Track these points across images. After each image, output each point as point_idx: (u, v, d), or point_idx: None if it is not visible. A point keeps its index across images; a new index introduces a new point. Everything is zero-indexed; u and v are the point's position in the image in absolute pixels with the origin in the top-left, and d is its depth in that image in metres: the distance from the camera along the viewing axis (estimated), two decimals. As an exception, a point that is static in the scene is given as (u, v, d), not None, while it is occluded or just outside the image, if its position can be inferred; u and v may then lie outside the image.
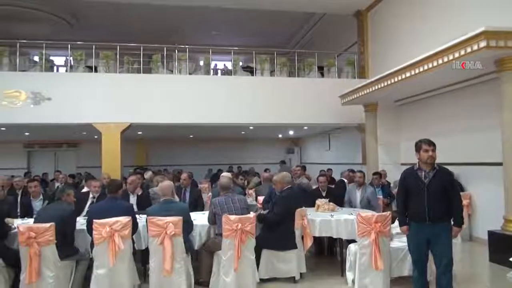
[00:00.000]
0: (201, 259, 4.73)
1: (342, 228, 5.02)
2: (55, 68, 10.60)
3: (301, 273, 4.87)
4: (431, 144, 3.68)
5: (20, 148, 15.29)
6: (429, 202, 3.59)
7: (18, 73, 9.06)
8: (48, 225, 3.93)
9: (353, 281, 4.48)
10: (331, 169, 10.04)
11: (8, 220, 4.58)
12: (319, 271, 5.29)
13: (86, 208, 5.72)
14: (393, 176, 7.99)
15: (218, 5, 10.36)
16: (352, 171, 7.44)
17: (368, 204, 6.02)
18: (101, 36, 10.62)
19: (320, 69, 10.46)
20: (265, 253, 4.72)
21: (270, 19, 11.84)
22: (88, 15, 11.34)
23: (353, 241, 4.76)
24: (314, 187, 6.89)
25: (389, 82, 7.08)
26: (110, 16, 11.16)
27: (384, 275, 4.27)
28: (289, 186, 5.12)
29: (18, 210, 5.88)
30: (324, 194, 6.33)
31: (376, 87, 7.50)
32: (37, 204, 5.93)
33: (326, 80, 10.16)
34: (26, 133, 12.83)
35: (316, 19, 12.50)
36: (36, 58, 10.10)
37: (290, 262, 4.74)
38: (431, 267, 4.08)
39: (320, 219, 5.09)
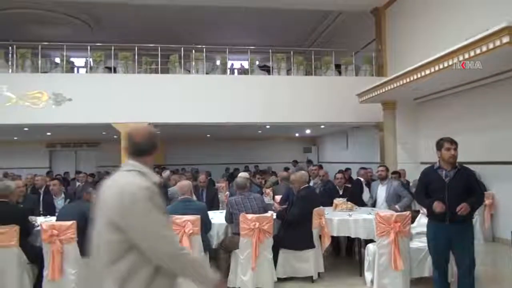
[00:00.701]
0: (219, 257, 4.75)
1: (361, 227, 4.97)
2: (75, 69, 10.80)
3: (319, 273, 4.85)
4: (453, 142, 3.60)
5: (42, 148, 15.64)
6: (449, 202, 3.48)
7: (40, 74, 9.26)
8: (69, 223, 4.02)
9: (371, 282, 4.43)
10: (349, 169, 9.96)
11: (31, 218, 4.69)
12: (337, 271, 5.25)
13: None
14: (412, 176, 7.86)
15: (234, 5, 10.38)
16: (364, 168, 7.36)
17: (396, 198, 5.84)
18: (120, 37, 10.77)
19: (337, 67, 10.37)
20: (282, 252, 4.71)
21: (287, 18, 11.81)
22: (107, 17, 11.51)
23: (372, 241, 4.71)
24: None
25: (408, 80, 6.97)
26: (128, 17, 11.31)
27: (404, 276, 4.21)
28: (307, 185, 5.10)
29: (41, 208, 6.03)
30: (341, 191, 6.29)
31: (395, 85, 7.40)
32: (59, 202, 6.05)
33: (343, 79, 10.07)
34: (48, 133, 13.12)
35: (333, 17, 12.40)
36: (57, 60, 10.30)
37: (308, 261, 4.72)
38: (452, 268, 4.00)
39: (338, 219, 5.05)
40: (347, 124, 10.79)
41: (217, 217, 5.13)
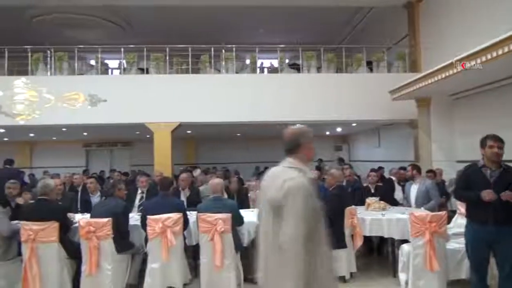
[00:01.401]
0: (250, 256, 4.77)
1: (394, 227, 4.86)
2: (109, 71, 11.13)
3: (351, 273, 4.79)
4: (498, 140, 3.40)
5: (79, 147, 16.19)
6: (494, 203, 3.29)
7: (77, 76, 9.60)
8: (105, 220, 4.15)
9: (406, 283, 4.33)
10: (382, 167, 9.76)
11: (70, 215, 4.86)
12: (369, 271, 5.17)
13: (137, 203, 5.97)
14: (448, 174, 7.62)
15: (264, 4, 10.37)
16: (403, 168, 7.19)
17: (428, 198, 5.70)
18: (152, 38, 10.98)
19: (369, 64, 10.18)
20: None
21: (317, 15, 11.68)
22: (139, 19, 11.76)
23: (406, 241, 4.60)
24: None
25: (444, 75, 6.74)
26: (159, 19, 11.51)
27: (440, 277, 4.09)
28: (340, 183, 5.05)
29: (78, 205, 6.25)
30: (373, 190, 6.17)
31: (430, 81, 7.17)
32: (96, 200, 6.25)
33: (375, 75, 9.88)
34: (85, 133, 13.57)
35: (364, 12, 12.17)
36: (93, 62, 10.66)
37: (340, 261, 4.66)
38: (492, 271, 3.85)
39: (370, 218, 4.97)
40: (379, 121, 10.58)
41: (248, 215, 5.14)
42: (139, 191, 6.17)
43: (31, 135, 13.36)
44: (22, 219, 4.18)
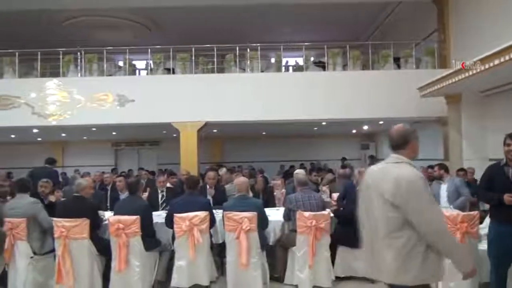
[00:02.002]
0: (276, 254, 4.77)
1: (423, 227, 4.75)
2: (137, 71, 11.35)
3: (379, 273, 4.70)
4: None
5: (108, 146, 16.60)
6: None
7: (106, 77, 9.85)
8: (134, 217, 4.23)
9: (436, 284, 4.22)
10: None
11: (100, 212, 4.99)
12: (398, 271, 5.07)
13: (160, 201, 6.05)
14: (480, 173, 7.38)
15: (289, 2, 10.33)
16: (431, 167, 7.00)
17: (457, 195, 5.55)
18: (178, 39, 11.13)
19: (397, 60, 9.97)
20: (341, 250, 4.63)
21: (342, 11, 11.53)
22: (165, 20, 11.94)
23: (436, 241, 4.49)
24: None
25: (475, 71, 6.52)
26: (185, 19, 11.65)
27: (472, 279, 3.96)
28: None
29: (108, 203, 6.42)
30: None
31: (461, 77, 6.96)
32: (124, 198, 6.39)
33: (403, 72, 9.66)
34: (114, 133, 13.91)
35: (391, 8, 11.93)
36: (121, 63, 10.90)
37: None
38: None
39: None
40: (407, 119, 10.32)
41: (274, 214, 5.15)
42: (159, 190, 6.24)
43: (63, 135, 13.80)
44: (56, 216, 4.32)
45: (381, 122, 11.55)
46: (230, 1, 10.28)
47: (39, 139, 14.72)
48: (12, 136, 13.07)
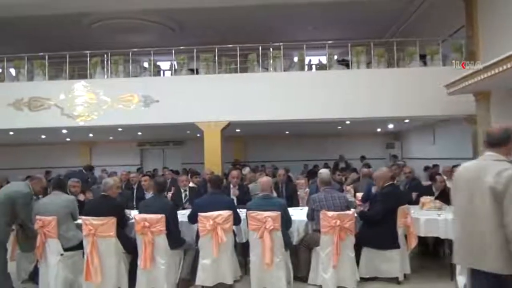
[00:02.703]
0: (300, 254, 4.75)
1: (451, 228, 4.63)
2: (161, 72, 11.52)
3: (405, 274, 4.63)
4: None
5: (134, 146, 16.92)
6: None
7: (131, 78, 10.04)
8: (159, 216, 4.30)
9: (465, 286, 4.11)
10: (437, 165, 9.34)
11: (126, 211, 5.09)
12: (425, 273, 4.97)
13: (183, 201, 6.12)
14: (512, 172, 7.13)
15: (312, 0, 10.26)
16: (457, 166, 6.81)
17: None
18: (201, 39, 11.23)
19: (422, 57, 9.76)
20: (365, 251, 4.58)
21: (366, 8, 11.36)
22: (189, 21, 12.04)
23: (464, 242, 4.37)
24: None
25: (506, 67, 6.31)
26: (208, 20, 11.72)
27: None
28: (390, 183, 4.89)
29: (134, 202, 6.55)
30: (437, 193, 5.88)
31: (491, 73, 6.74)
32: (150, 196, 6.50)
33: (429, 69, 9.45)
34: (139, 133, 14.16)
35: (416, 4, 11.67)
36: (146, 64, 11.09)
37: (393, 261, 4.53)
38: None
39: (425, 218, 4.77)
40: (433, 117, 10.13)
41: (297, 214, 5.13)
42: (182, 189, 6.31)
43: (90, 135, 14.15)
44: (84, 215, 4.44)
45: (406, 121, 11.34)
46: (253, 1, 10.29)
47: (68, 139, 15.15)
48: (43, 136, 13.50)
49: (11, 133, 11.31)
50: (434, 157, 11.63)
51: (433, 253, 5.80)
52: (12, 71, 10.58)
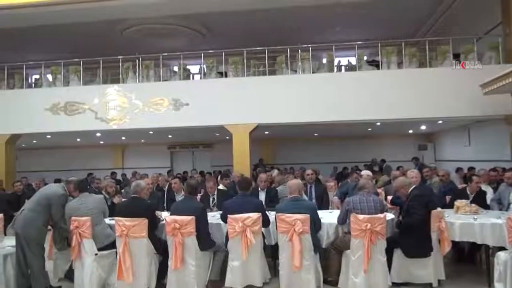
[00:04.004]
0: (330, 257, 4.69)
1: (488, 233, 4.46)
2: (191, 76, 11.70)
3: (439, 280, 4.49)
4: None
5: (164, 149, 17.23)
6: None
7: (162, 83, 10.25)
8: (189, 218, 4.35)
9: (503, 293, 3.95)
10: (473, 168, 9.02)
11: (157, 212, 5.19)
12: (460, 279, 4.80)
13: (211, 204, 6.15)
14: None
15: (340, 1, 10.15)
16: (494, 170, 6.56)
17: None
18: (230, 43, 11.32)
19: (456, 56, 9.45)
20: (397, 255, 4.47)
21: (396, 7, 11.12)
22: (217, 25, 12.16)
23: (502, 248, 4.20)
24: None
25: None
26: (237, 23, 11.79)
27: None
28: (414, 186, 4.76)
29: (164, 204, 6.66)
30: (471, 197, 5.69)
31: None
32: (180, 198, 6.59)
33: (463, 69, 9.15)
34: (169, 136, 14.41)
35: (450, 1, 11.33)
36: (176, 68, 11.29)
37: (426, 267, 4.40)
38: None
39: (460, 222, 4.62)
40: (468, 117, 9.79)
41: (327, 216, 5.08)
42: (211, 196, 6.27)
43: (123, 138, 14.53)
44: (117, 216, 4.56)
45: (440, 122, 11.02)
46: (280, 3, 10.28)
47: (101, 142, 15.61)
48: (78, 139, 13.98)
49: (48, 136, 11.76)
50: (469, 159, 11.24)
51: (469, 259, 5.59)
52: (49, 77, 11.03)
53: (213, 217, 5.18)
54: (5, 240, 5.00)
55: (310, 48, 9.83)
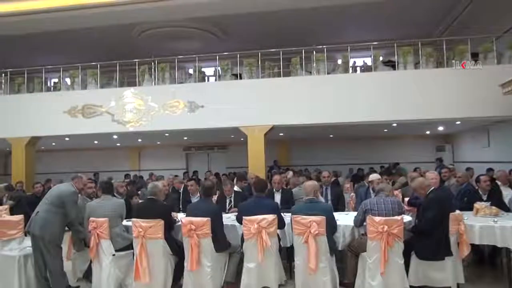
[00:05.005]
0: (346, 260, 4.65)
1: (509, 236, 4.36)
2: (206, 78, 11.77)
3: (458, 284, 4.40)
4: None
5: (180, 151, 17.34)
6: None
7: (177, 85, 10.34)
8: (205, 219, 4.37)
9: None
10: (492, 169, 8.83)
11: (173, 214, 5.22)
12: (480, 283, 4.72)
13: (227, 206, 6.17)
14: None
15: (354, 1, 10.09)
16: (512, 171, 6.42)
17: None
18: (244, 45, 11.35)
19: (475, 56, 9.28)
20: (415, 258, 4.40)
21: (412, 7, 10.99)
22: (232, 27, 12.22)
23: (524, 251, 4.11)
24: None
25: None
26: (251, 25, 11.83)
27: None
28: (433, 187, 4.68)
29: (181, 205, 6.71)
30: (485, 197, 5.59)
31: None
32: (195, 200, 6.63)
33: (482, 68, 8.97)
34: (185, 138, 14.52)
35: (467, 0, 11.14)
36: (191, 71, 11.38)
37: (445, 270, 4.31)
38: None
39: (480, 225, 4.52)
40: (488, 118, 9.60)
41: (343, 218, 5.04)
42: (227, 200, 6.28)
43: (139, 140, 14.70)
44: (134, 217, 4.61)
45: (458, 123, 10.83)
46: (294, 5, 10.26)
47: (118, 144, 15.81)
48: (95, 142, 14.18)
49: (67, 138, 11.98)
50: (489, 160, 11.01)
51: (489, 262, 5.48)
52: (68, 80, 11.23)
53: (228, 218, 5.19)
54: (25, 240, 5.10)
55: (325, 49, 9.79)
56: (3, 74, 11.23)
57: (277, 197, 6.07)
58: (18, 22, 10.30)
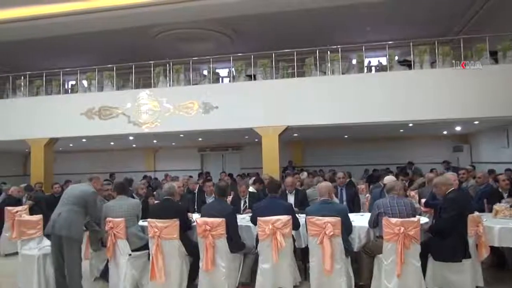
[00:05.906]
0: (361, 261, 4.61)
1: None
2: (220, 79, 11.81)
3: (477, 287, 4.32)
4: None
5: (195, 152, 17.44)
6: None
7: (192, 86, 10.41)
8: (220, 220, 4.39)
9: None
10: (510, 170, 8.65)
11: (188, 214, 5.26)
12: (500, 286, 4.61)
13: (241, 207, 6.18)
14: None
15: (370, 0, 10.00)
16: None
17: None
18: (258, 46, 11.36)
19: (493, 54, 9.10)
20: (432, 260, 4.34)
21: (428, 4, 10.84)
22: (246, 28, 12.24)
23: (546, 254, 4.01)
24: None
25: None
26: (265, 26, 11.84)
27: None
28: (453, 188, 4.60)
29: (195, 206, 6.74)
30: (505, 195, 5.49)
31: None
32: (210, 200, 6.65)
33: (501, 67, 8.78)
34: (199, 139, 14.60)
35: (484, -2, 10.93)
36: (205, 72, 11.44)
37: (463, 272, 4.24)
38: None
39: (500, 227, 4.43)
40: (507, 118, 9.40)
41: (358, 219, 4.99)
42: (242, 201, 6.29)
43: (154, 141, 14.82)
44: (150, 217, 4.65)
45: (476, 122, 10.64)
46: (308, 5, 10.23)
47: (134, 145, 15.99)
48: (112, 143, 14.37)
49: (84, 140, 12.16)
50: (508, 161, 10.78)
51: (509, 265, 5.36)
52: (85, 82, 11.42)
53: (243, 219, 5.20)
54: (44, 240, 5.18)
55: (340, 49, 9.72)
56: (22, 77, 11.48)
57: (291, 199, 6.04)
58: (38, 26, 10.54)
